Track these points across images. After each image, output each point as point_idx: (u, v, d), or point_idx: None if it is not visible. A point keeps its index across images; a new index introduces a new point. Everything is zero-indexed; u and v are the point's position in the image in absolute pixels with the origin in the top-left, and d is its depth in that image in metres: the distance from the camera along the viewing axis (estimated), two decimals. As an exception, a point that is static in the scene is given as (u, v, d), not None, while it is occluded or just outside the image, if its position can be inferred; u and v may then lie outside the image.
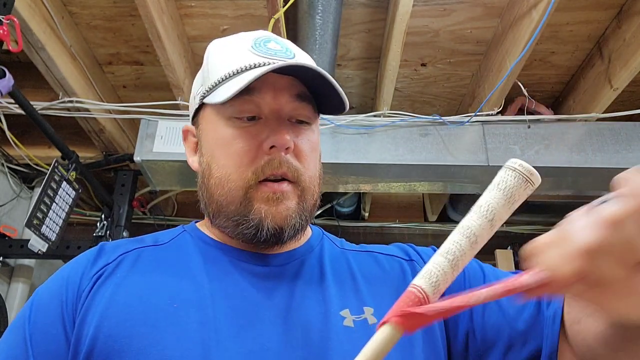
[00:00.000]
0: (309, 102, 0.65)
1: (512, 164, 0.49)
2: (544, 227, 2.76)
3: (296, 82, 0.63)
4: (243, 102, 0.61)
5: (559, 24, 1.78)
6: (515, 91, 1.94)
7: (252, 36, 0.66)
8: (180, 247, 0.65)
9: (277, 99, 0.62)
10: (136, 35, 1.86)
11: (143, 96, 2.12)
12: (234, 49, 0.65)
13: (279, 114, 0.62)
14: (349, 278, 0.64)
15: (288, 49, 0.65)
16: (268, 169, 0.60)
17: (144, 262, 0.62)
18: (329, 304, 0.60)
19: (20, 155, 2.10)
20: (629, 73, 1.73)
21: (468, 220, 0.49)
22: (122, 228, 2.13)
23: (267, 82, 0.61)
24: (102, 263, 0.62)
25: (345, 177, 2.04)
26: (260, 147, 0.60)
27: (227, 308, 0.57)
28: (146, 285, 0.58)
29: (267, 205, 0.60)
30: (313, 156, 0.65)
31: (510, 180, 0.49)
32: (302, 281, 0.62)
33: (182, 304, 0.56)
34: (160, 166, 1.94)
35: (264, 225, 0.59)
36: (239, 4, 1.71)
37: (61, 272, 0.63)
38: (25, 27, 1.58)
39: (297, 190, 0.62)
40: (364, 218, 2.83)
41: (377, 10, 1.75)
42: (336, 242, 0.74)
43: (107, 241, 0.68)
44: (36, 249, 1.77)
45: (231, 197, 0.61)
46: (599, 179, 1.98)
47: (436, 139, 1.97)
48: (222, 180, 0.62)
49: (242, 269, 0.62)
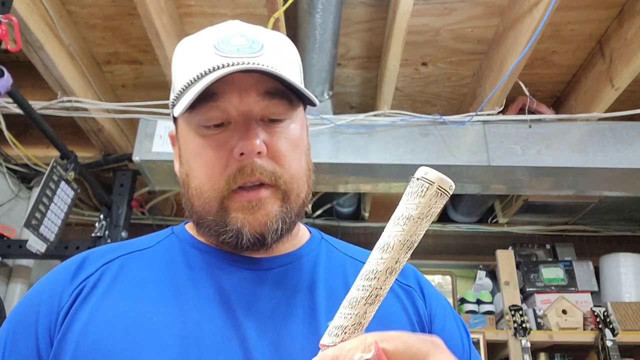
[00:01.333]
0: (280, 97, 0.60)
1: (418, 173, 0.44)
2: (545, 227, 2.75)
3: (264, 78, 0.59)
4: (208, 109, 0.58)
5: (560, 23, 1.77)
6: (516, 91, 1.94)
7: (216, 33, 0.62)
8: (165, 252, 0.64)
9: (244, 100, 0.58)
10: (135, 35, 1.85)
11: (142, 96, 2.12)
12: (196, 51, 0.61)
13: (248, 116, 0.58)
14: (342, 288, 0.62)
15: (254, 41, 0.61)
16: (240, 178, 0.57)
17: (127, 273, 0.60)
18: (316, 313, 0.58)
19: (19, 155, 2.10)
20: (630, 72, 1.72)
21: (370, 256, 0.46)
22: (120, 228, 2.12)
23: (231, 83, 0.57)
24: (83, 276, 0.59)
25: (345, 177, 2.03)
26: (230, 155, 0.58)
27: (211, 318, 0.55)
28: (127, 300, 0.56)
29: (243, 213, 0.57)
30: (294, 154, 0.61)
31: (410, 191, 0.44)
32: (291, 287, 0.60)
33: (163, 317, 0.55)
34: (159, 166, 1.94)
35: (243, 233, 0.57)
36: (238, 3, 1.70)
37: (40, 287, 0.60)
38: (23, 26, 1.57)
39: (277, 194, 0.59)
40: (364, 218, 2.82)
41: (377, 9, 1.74)
42: (339, 246, 0.71)
43: (93, 249, 0.65)
44: (35, 249, 1.76)
45: (208, 207, 0.59)
46: (600, 179, 1.97)
47: (437, 139, 1.96)
48: (198, 191, 0.60)
49: (229, 273, 0.60)
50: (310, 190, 0.65)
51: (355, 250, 0.72)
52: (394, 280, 0.46)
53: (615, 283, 2.37)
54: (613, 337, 2.08)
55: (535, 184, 2.03)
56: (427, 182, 0.42)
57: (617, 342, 2.07)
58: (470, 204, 2.58)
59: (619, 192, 2.08)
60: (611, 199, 2.44)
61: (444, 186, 0.42)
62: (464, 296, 2.47)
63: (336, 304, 0.59)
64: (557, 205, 2.52)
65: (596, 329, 2.15)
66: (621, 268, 2.38)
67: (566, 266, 2.48)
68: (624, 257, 2.39)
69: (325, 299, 0.60)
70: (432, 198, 0.42)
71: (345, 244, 0.73)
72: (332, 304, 0.59)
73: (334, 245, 0.71)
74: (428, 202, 0.42)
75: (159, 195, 2.53)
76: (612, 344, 2.06)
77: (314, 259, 0.65)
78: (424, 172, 0.42)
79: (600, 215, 2.66)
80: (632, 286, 2.33)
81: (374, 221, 2.82)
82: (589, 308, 2.25)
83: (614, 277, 2.38)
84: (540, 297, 2.38)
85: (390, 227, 0.43)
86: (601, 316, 2.14)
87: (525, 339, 2.11)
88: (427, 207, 0.42)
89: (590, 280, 2.44)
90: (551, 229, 2.75)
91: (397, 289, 0.66)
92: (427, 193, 0.41)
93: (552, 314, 2.24)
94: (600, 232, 2.76)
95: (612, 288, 2.38)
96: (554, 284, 2.42)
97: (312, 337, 0.56)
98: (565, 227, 2.75)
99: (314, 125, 1.91)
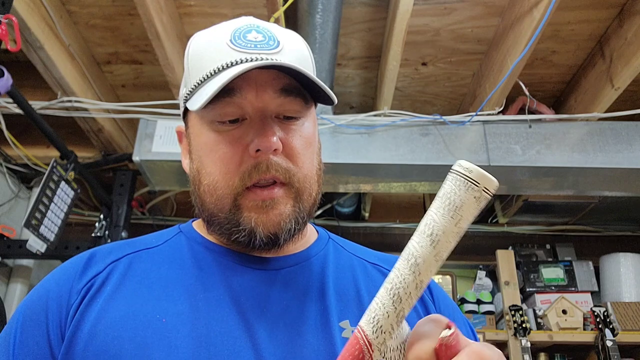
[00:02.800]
0: (296, 94, 0.59)
1: (454, 166, 0.39)
2: (545, 227, 2.75)
3: (281, 75, 0.58)
4: (224, 104, 0.57)
5: (560, 23, 1.77)
6: (516, 91, 1.94)
7: (232, 27, 0.61)
8: (174, 251, 0.63)
9: (260, 97, 0.57)
10: (135, 35, 1.85)
11: (142, 96, 2.12)
12: (212, 45, 0.60)
13: (264, 113, 0.58)
14: (352, 289, 0.61)
15: (271, 37, 0.60)
16: (255, 175, 0.56)
17: (135, 271, 0.59)
18: (328, 314, 0.57)
19: (19, 155, 2.10)
20: (630, 72, 1.72)
21: (410, 242, 0.42)
22: (120, 228, 2.12)
23: (248, 78, 0.57)
24: (91, 273, 0.59)
25: (346, 177, 2.03)
26: (246, 151, 0.57)
27: (222, 320, 0.55)
28: (135, 300, 0.56)
29: (257, 213, 0.57)
30: (308, 152, 0.61)
31: (448, 185, 0.39)
32: (302, 288, 0.60)
33: (172, 318, 0.54)
34: (159, 166, 1.93)
35: (256, 233, 0.57)
36: (238, 3, 1.70)
37: (47, 284, 0.60)
38: (23, 26, 1.57)
39: (290, 193, 0.58)
40: (364, 218, 2.82)
41: (377, 9, 1.74)
42: (346, 246, 0.70)
43: (100, 246, 0.65)
44: (35, 250, 1.76)
45: (221, 204, 0.58)
46: (601, 178, 1.97)
47: (437, 139, 1.96)
48: (211, 188, 0.59)
49: (239, 274, 0.59)
50: (321, 190, 0.64)
51: (361, 250, 0.71)
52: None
53: (615, 283, 2.37)
54: (613, 337, 2.08)
55: (535, 184, 2.03)
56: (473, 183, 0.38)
57: (617, 342, 2.07)
58: (470, 204, 2.58)
59: (619, 192, 2.09)
60: (611, 199, 2.44)
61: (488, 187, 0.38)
62: (464, 296, 2.47)
63: (346, 304, 0.59)
64: (557, 205, 2.52)
65: (596, 329, 2.15)
66: (621, 268, 2.38)
67: (566, 266, 2.48)
68: (624, 257, 2.39)
69: (335, 300, 0.59)
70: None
71: (352, 244, 0.73)
72: (342, 305, 0.59)
73: (341, 244, 0.70)
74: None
75: (159, 195, 2.53)
76: (612, 344, 2.06)
77: (322, 259, 0.65)
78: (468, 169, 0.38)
79: (600, 215, 2.66)
80: (632, 286, 2.33)
81: (374, 221, 2.82)
82: (589, 308, 2.25)
83: (614, 277, 2.38)
84: (540, 297, 2.38)
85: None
86: (601, 316, 2.14)
87: (525, 339, 2.11)
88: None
89: (590, 280, 2.44)
90: (551, 229, 2.75)
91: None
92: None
93: (552, 314, 2.24)
94: (600, 232, 2.76)
95: (612, 288, 2.38)
96: (554, 284, 2.42)
97: (324, 338, 0.55)
98: (565, 227, 2.75)
99: (314, 125, 1.91)
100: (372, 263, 0.68)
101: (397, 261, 0.43)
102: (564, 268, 2.47)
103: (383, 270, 0.67)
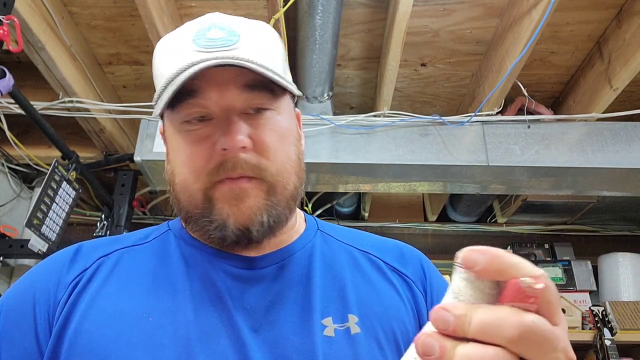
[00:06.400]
0: (261, 88, 0.58)
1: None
2: (543, 227, 2.76)
3: (243, 71, 0.56)
4: (188, 106, 0.57)
5: (558, 24, 1.78)
6: (515, 91, 1.94)
7: (195, 27, 0.61)
8: (162, 249, 0.63)
9: (224, 95, 0.56)
10: (136, 35, 1.86)
11: (143, 96, 2.12)
12: (175, 47, 0.60)
13: (229, 111, 0.57)
14: (338, 280, 0.61)
15: (231, 32, 0.59)
16: (222, 172, 0.56)
17: (123, 267, 0.60)
18: (310, 311, 0.57)
19: (20, 155, 2.10)
20: (628, 73, 1.73)
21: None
22: (122, 228, 2.13)
23: (209, 78, 0.56)
24: (79, 268, 0.59)
25: (345, 177, 2.04)
26: (213, 149, 0.56)
27: (206, 319, 0.55)
28: (122, 297, 0.56)
29: (229, 205, 0.56)
30: (282, 145, 0.59)
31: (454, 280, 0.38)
32: (286, 284, 0.60)
33: (158, 317, 0.54)
34: (160, 166, 1.94)
35: (227, 226, 0.56)
36: (238, 4, 1.71)
37: (33, 276, 0.59)
38: (25, 27, 1.58)
39: (262, 186, 0.57)
40: (364, 218, 2.83)
41: (377, 10, 1.75)
42: (335, 234, 0.69)
43: (85, 241, 0.65)
44: (36, 249, 1.77)
45: (195, 200, 0.58)
46: (599, 179, 1.98)
47: (436, 139, 1.97)
48: (182, 187, 0.59)
49: (224, 272, 0.59)
50: (302, 181, 0.63)
51: (352, 237, 0.70)
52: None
53: (613, 282, 2.38)
54: (611, 336, 2.09)
55: (534, 184, 2.04)
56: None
57: (615, 341, 2.08)
58: (469, 204, 2.59)
59: (618, 192, 2.09)
60: (610, 199, 2.45)
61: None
62: (463, 296, 2.48)
63: (330, 301, 0.59)
64: (556, 205, 2.53)
65: (595, 328, 2.15)
66: (620, 267, 2.39)
67: (565, 266, 2.48)
68: (623, 257, 2.40)
69: (319, 297, 0.59)
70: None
71: (343, 230, 0.71)
72: (326, 301, 0.59)
73: (332, 234, 0.70)
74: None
75: (160, 195, 2.54)
76: (611, 343, 2.07)
77: (308, 253, 0.64)
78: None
79: (599, 215, 2.67)
80: (631, 285, 2.34)
81: (373, 221, 2.83)
82: (587, 307, 2.26)
83: (613, 277, 2.39)
84: (539, 297, 2.38)
85: None
86: (600, 315, 2.15)
87: (524, 338, 2.12)
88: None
89: (589, 280, 2.45)
90: (550, 228, 2.76)
91: (394, 280, 0.65)
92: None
93: (551, 313, 2.25)
94: (598, 232, 2.77)
95: (610, 287, 2.39)
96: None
97: (307, 336, 0.55)
98: (563, 226, 2.76)
99: (314, 126, 1.92)
100: (362, 250, 0.67)
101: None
102: (563, 267, 2.48)
103: (372, 259, 0.66)
